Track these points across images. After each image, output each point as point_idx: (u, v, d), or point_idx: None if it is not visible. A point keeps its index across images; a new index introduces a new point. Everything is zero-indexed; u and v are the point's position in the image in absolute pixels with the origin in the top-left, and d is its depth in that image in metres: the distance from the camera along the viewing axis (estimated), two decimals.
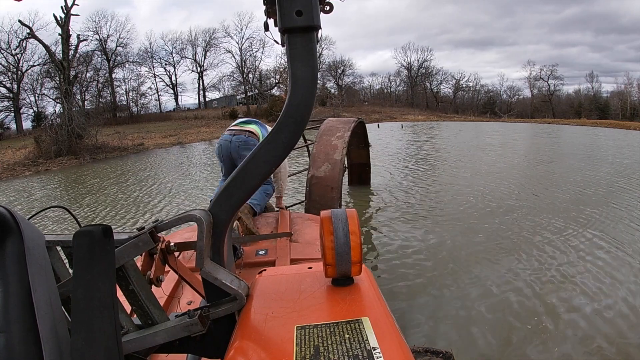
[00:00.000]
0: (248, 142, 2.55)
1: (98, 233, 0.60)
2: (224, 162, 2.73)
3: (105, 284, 0.60)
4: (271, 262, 2.02)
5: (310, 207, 3.78)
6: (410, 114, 33.07)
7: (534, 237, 4.10)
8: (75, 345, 0.56)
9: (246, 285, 0.81)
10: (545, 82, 38.81)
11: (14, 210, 0.62)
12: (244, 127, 2.65)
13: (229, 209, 0.80)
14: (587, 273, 3.24)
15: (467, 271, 3.38)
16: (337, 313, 0.68)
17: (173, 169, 11.13)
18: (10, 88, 26.39)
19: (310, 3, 0.73)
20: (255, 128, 2.65)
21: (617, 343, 2.32)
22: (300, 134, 0.79)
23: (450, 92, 41.91)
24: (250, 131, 2.61)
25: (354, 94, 39.47)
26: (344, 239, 0.74)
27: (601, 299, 2.83)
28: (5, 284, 0.58)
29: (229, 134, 2.63)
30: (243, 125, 2.69)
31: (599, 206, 5.14)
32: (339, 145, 4.08)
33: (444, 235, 4.29)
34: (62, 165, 13.81)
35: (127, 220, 5.85)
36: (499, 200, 5.64)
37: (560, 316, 2.63)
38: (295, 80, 0.75)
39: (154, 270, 0.81)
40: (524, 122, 26.36)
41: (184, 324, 0.74)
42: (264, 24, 0.85)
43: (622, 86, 36.73)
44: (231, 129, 2.67)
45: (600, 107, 36.36)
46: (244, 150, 2.55)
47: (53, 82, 23.63)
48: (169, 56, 33.69)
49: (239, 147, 2.55)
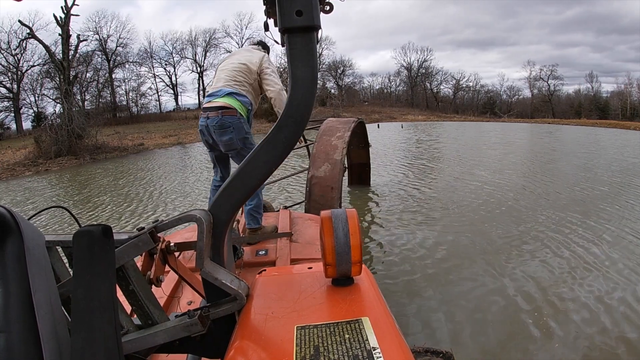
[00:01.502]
0: (223, 124, 2.19)
1: (98, 233, 0.60)
2: (210, 150, 2.44)
3: (105, 284, 0.60)
4: (271, 262, 2.02)
5: (310, 207, 3.78)
6: (410, 114, 33.07)
7: (532, 236, 4.11)
8: (75, 345, 0.56)
9: (246, 285, 0.81)
10: (545, 82, 38.85)
11: (14, 210, 0.62)
12: (216, 102, 2.23)
13: (229, 209, 0.80)
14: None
15: (467, 271, 3.37)
16: (337, 313, 0.68)
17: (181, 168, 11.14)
18: (10, 88, 26.38)
19: (310, 3, 0.73)
20: (227, 101, 2.22)
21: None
22: (300, 134, 0.79)
23: (450, 92, 41.94)
24: (224, 107, 2.20)
25: (354, 94, 39.46)
26: (344, 239, 0.74)
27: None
28: (5, 284, 0.58)
29: (203, 117, 2.27)
30: (215, 99, 2.25)
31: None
32: (339, 145, 4.08)
33: (444, 234, 4.29)
34: (62, 166, 13.80)
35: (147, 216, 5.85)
36: (499, 199, 5.65)
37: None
38: (295, 80, 0.75)
39: (153, 270, 0.81)
40: (524, 122, 26.38)
41: (184, 324, 0.74)
42: (264, 24, 0.85)
43: (622, 86, 36.78)
44: (205, 108, 2.28)
45: (600, 107, 36.35)
46: (221, 136, 2.22)
47: (53, 82, 23.69)
48: (169, 56, 33.76)
49: (216, 132, 2.22)
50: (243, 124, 2.27)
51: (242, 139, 2.26)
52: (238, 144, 2.26)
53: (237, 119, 2.23)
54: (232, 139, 2.24)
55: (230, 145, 2.27)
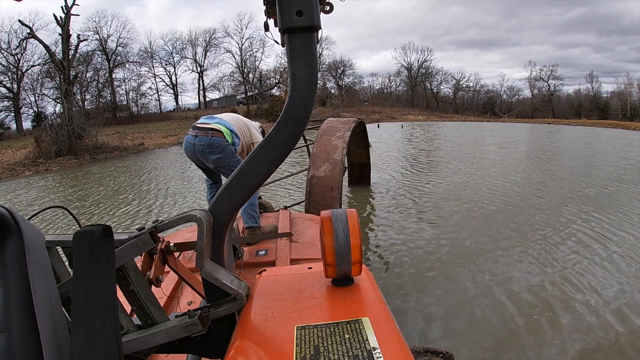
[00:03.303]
0: (212, 144, 2.29)
1: (98, 233, 0.60)
2: (195, 164, 2.50)
3: (105, 284, 0.60)
4: (271, 262, 2.02)
5: (310, 207, 3.78)
6: (411, 114, 33.08)
7: (533, 234, 4.11)
8: (75, 345, 0.56)
9: (246, 285, 0.81)
10: (546, 83, 38.84)
11: (14, 210, 0.62)
12: (207, 124, 2.37)
13: (229, 209, 0.80)
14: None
15: (468, 270, 3.37)
16: (337, 313, 0.68)
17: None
18: (10, 88, 26.38)
19: (311, 3, 0.73)
20: (219, 125, 2.35)
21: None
22: (301, 134, 0.79)
23: (450, 92, 41.93)
24: (213, 129, 2.32)
25: (354, 94, 39.46)
26: (344, 239, 0.74)
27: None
28: (6, 284, 0.58)
29: (191, 135, 2.35)
30: (207, 122, 2.40)
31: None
32: (339, 145, 4.08)
33: (445, 234, 4.29)
34: (62, 165, 13.80)
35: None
36: (500, 199, 5.65)
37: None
38: (295, 80, 0.75)
39: (153, 270, 0.81)
40: (524, 122, 26.39)
41: (184, 324, 0.74)
42: (264, 24, 0.85)
43: (622, 86, 36.76)
44: (195, 127, 2.39)
45: (600, 107, 36.34)
46: (209, 155, 2.31)
47: (53, 82, 23.65)
48: (169, 56, 33.76)
49: (203, 151, 2.31)
50: (231, 147, 2.34)
51: (230, 158, 2.32)
52: (226, 161, 2.32)
53: (225, 141, 2.31)
54: (220, 158, 2.31)
55: (219, 163, 2.34)
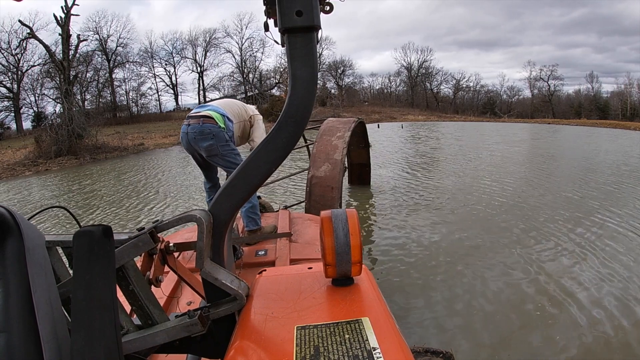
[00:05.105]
0: (203, 130, 2.28)
1: (98, 233, 0.60)
2: (191, 156, 2.52)
3: (105, 284, 0.60)
4: (271, 262, 2.02)
5: (310, 207, 3.78)
6: (411, 114, 33.06)
7: (531, 234, 4.11)
8: (75, 345, 0.56)
9: (246, 285, 0.81)
10: (546, 83, 38.82)
11: (14, 210, 0.62)
12: (198, 112, 2.38)
13: (229, 209, 0.80)
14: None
15: (468, 269, 3.37)
16: (337, 313, 0.68)
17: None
18: (10, 88, 26.36)
19: (311, 3, 0.73)
20: (210, 112, 2.34)
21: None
22: (301, 134, 0.79)
23: (450, 93, 41.91)
24: (205, 116, 2.32)
25: (354, 94, 39.43)
26: (344, 239, 0.74)
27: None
28: (5, 284, 0.58)
29: (185, 125, 2.37)
30: (198, 110, 2.41)
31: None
32: (339, 145, 4.08)
33: (445, 234, 4.29)
34: (62, 165, 13.79)
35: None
36: (501, 198, 5.65)
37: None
38: (295, 81, 0.75)
39: (153, 270, 0.81)
40: (525, 122, 26.38)
41: (184, 324, 0.74)
42: (264, 24, 0.85)
43: (622, 86, 36.74)
44: (188, 117, 2.41)
45: (600, 108, 36.32)
46: (201, 142, 2.30)
47: (53, 82, 23.63)
48: (169, 56, 33.72)
49: (195, 138, 2.31)
50: (224, 133, 2.31)
51: (223, 146, 2.30)
52: (219, 149, 2.29)
53: (217, 127, 2.29)
54: (212, 145, 2.28)
55: (212, 151, 2.31)
